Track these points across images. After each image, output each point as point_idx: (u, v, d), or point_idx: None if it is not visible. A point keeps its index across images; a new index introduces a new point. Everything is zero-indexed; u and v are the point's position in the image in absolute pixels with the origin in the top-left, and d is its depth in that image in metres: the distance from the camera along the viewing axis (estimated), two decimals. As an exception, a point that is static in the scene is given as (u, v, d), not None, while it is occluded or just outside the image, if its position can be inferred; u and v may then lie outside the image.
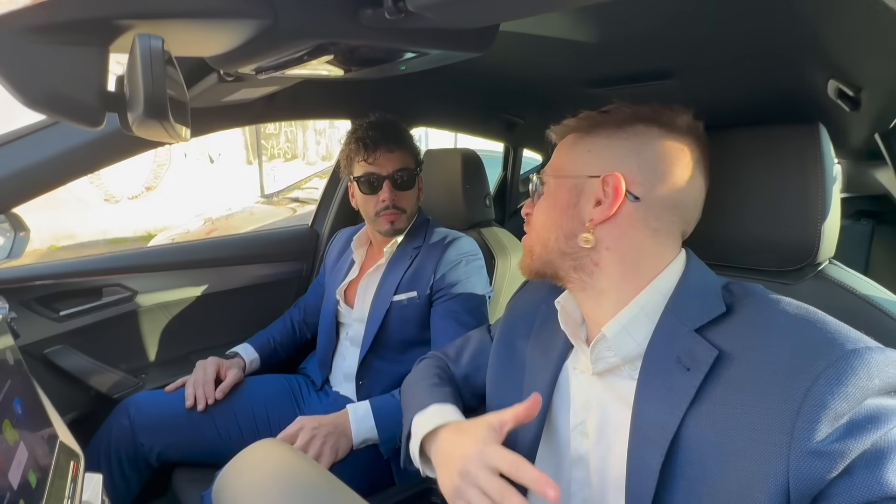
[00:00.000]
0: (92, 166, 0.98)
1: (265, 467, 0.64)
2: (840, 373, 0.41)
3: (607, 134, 0.57)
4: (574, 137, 0.60)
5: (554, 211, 0.59)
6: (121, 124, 0.41)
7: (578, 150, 0.59)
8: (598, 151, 0.57)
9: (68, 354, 1.17)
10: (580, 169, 0.57)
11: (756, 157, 0.68)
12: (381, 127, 1.11)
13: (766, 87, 0.79)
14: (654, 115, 0.56)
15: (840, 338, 0.43)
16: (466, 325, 1.05)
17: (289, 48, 0.49)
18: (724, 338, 0.49)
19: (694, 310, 0.51)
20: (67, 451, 0.59)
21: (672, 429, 0.47)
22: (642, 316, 0.53)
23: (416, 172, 1.15)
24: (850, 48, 0.61)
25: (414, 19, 0.45)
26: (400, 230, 1.15)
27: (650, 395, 0.50)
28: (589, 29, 0.69)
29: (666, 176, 0.54)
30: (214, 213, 3.91)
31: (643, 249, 0.55)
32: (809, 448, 0.40)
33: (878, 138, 0.93)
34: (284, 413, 1.12)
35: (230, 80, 0.74)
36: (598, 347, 0.54)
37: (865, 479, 0.39)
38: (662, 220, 0.55)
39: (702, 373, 0.47)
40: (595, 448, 0.56)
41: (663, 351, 0.51)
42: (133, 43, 0.34)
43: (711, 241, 0.72)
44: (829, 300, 0.64)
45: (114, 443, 1.02)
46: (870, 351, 0.42)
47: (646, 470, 0.48)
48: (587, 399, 0.57)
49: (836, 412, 0.40)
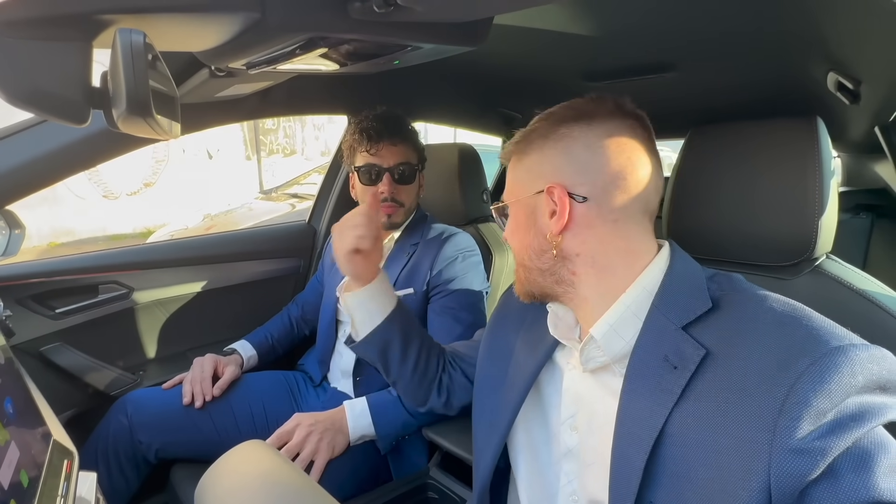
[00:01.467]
0: (87, 163, 0.97)
1: (247, 471, 0.64)
2: (823, 370, 0.41)
3: (538, 147, 0.58)
4: (515, 160, 0.62)
5: (518, 232, 0.61)
6: (106, 121, 0.41)
7: (520, 170, 0.60)
8: (536, 167, 0.58)
9: (65, 352, 1.17)
10: (526, 188, 0.59)
11: (753, 152, 0.67)
12: (387, 120, 1.11)
13: (765, 80, 0.78)
14: (574, 112, 0.56)
15: (825, 335, 0.43)
16: (463, 322, 1.05)
17: (278, 42, 0.48)
18: (710, 335, 0.48)
19: (680, 306, 0.51)
20: (61, 450, 0.58)
21: (657, 426, 0.47)
22: (629, 314, 0.53)
23: (417, 168, 1.15)
24: (850, 40, 0.61)
25: (404, 12, 0.45)
26: (396, 224, 1.15)
27: (636, 392, 0.50)
28: (585, 22, 0.68)
29: (603, 166, 0.54)
30: (213, 210, 3.91)
31: (611, 245, 0.55)
32: (790, 445, 0.40)
33: (878, 131, 0.93)
34: (282, 410, 1.12)
35: (221, 75, 0.73)
36: (587, 348, 0.55)
37: (852, 481, 0.38)
38: (619, 210, 0.54)
39: (689, 371, 0.47)
40: (585, 441, 0.57)
41: (651, 349, 0.51)
42: (114, 38, 0.33)
43: (708, 236, 0.72)
44: (826, 295, 0.64)
45: (112, 440, 1.02)
46: (854, 348, 0.42)
47: (630, 466, 0.48)
48: (578, 393, 0.58)
49: (819, 410, 0.40)
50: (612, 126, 0.55)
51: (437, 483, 0.95)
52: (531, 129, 0.59)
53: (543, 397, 0.63)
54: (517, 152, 0.61)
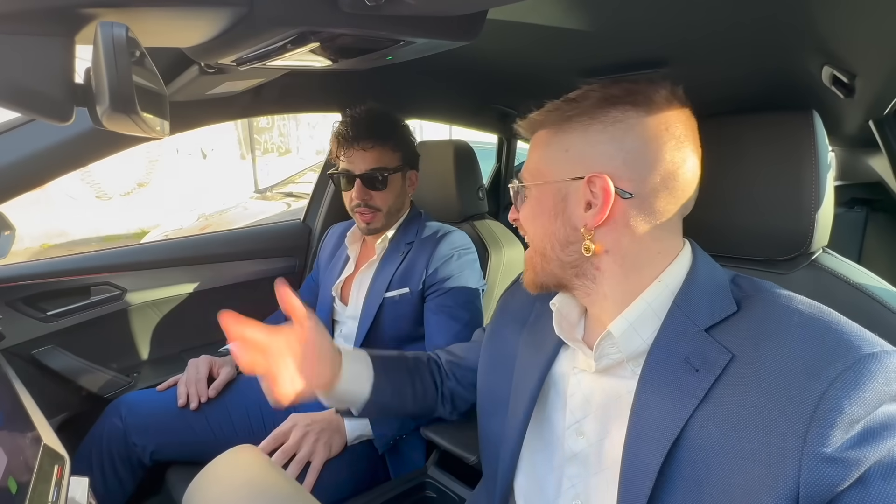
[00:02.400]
0: (77, 162, 0.96)
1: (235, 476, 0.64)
2: (857, 377, 0.39)
3: (581, 127, 0.51)
4: (546, 135, 0.55)
5: (541, 218, 0.55)
6: (91, 119, 0.40)
7: (554, 150, 0.54)
8: (577, 150, 0.52)
9: (57, 355, 1.16)
10: (560, 172, 0.52)
11: (749, 146, 0.67)
12: (361, 122, 1.07)
13: (761, 74, 0.77)
14: (628, 95, 0.50)
15: (856, 340, 0.42)
16: (460, 320, 1.05)
17: (267, 37, 0.47)
18: (734, 338, 0.47)
19: (704, 307, 0.49)
20: (52, 455, 0.57)
21: (676, 429, 0.45)
22: (650, 312, 0.51)
23: (394, 171, 1.09)
24: (845, 34, 0.60)
25: (396, 6, 0.44)
26: (376, 230, 1.13)
27: (653, 392, 0.48)
28: (580, 16, 0.68)
29: (656, 163, 0.49)
30: (208, 209, 3.88)
31: (644, 245, 0.51)
32: (823, 454, 0.39)
33: (872, 125, 0.93)
34: (278, 410, 1.11)
35: (212, 72, 0.72)
36: (602, 344, 0.52)
37: (881, 489, 0.38)
38: (660, 210, 0.50)
39: (713, 375, 0.45)
40: (592, 446, 0.54)
41: (670, 349, 0.48)
42: (95, 32, 0.32)
43: (704, 231, 0.71)
44: (823, 289, 0.64)
45: (106, 443, 1.01)
46: (887, 355, 0.41)
47: (644, 469, 0.46)
48: (586, 397, 0.55)
49: (852, 417, 0.39)
50: (670, 117, 0.50)
51: (436, 482, 0.94)
52: (573, 104, 0.52)
53: (546, 402, 0.60)
54: (551, 125, 0.54)
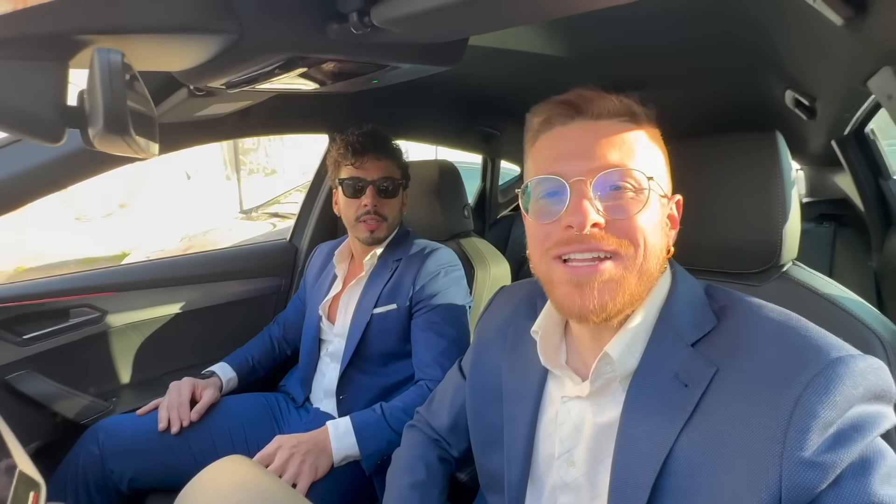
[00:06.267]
0: (60, 184, 0.95)
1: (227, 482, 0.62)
2: (827, 381, 0.41)
3: (648, 134, 0.51)
4: (646, 136, 0.52)
5: (658, 230, 0.51)
6: (82, 139, 0.41)
7: (657, 155, 0.53)
8: (655, 159, 0.52)
9: (32, 380, 1.12)
10: (665, 183, 0.53)
11: (720, 164, 0.70)
12: (372, 135, 1.14)
13: (729, 97, 0.82)
14: (646, 112, 0.52)
15: (825, 346, 0.44)
16: (447, 336, 1.05)
17: (256, 63, 0.49)
18: (715, 350, 0.48)
19: (687, 323, 0.50)
20: (27, 481, 0.55)
21: (668, 443, 0.46)
22: (641, 331, 0.51)
23: (400, 183, 1.17)
24: (803, 60, 0.65)
25: (381, 34, 0.46)
26: (379, 240, 1.15)
27: (643, 408, 0.49)
28: (557, 43, 0.71)
29: (668, 186, 0.53)
30: (192, 230, 3.84)
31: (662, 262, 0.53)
32: (802, 458, 0.40)
33: (835, 144, 0.98)
34: (263, 432, 1.09)
35: (201, 94, 0.74)
36: (598, 364, 0.52)
37: (853, 487, 0.40)
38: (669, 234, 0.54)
39: (701, 389, 0.46)
40: (585, 476, 0.54)
41: (658, 365, 0.49)
42: (92, 57, 0.33)
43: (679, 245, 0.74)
44: (794, 300, 0.67)
45: (81, 470, 0.97)
46: (853, 359, 0.43)
47: (636, 484, 0.46)
48: (576, 426, 0.55)
49: (825, 421, 0.40)
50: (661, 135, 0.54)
51: (424, 502, 0.93)
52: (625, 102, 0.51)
53: (537, 430, 0.59)
54: (622, 115, 0.51)
